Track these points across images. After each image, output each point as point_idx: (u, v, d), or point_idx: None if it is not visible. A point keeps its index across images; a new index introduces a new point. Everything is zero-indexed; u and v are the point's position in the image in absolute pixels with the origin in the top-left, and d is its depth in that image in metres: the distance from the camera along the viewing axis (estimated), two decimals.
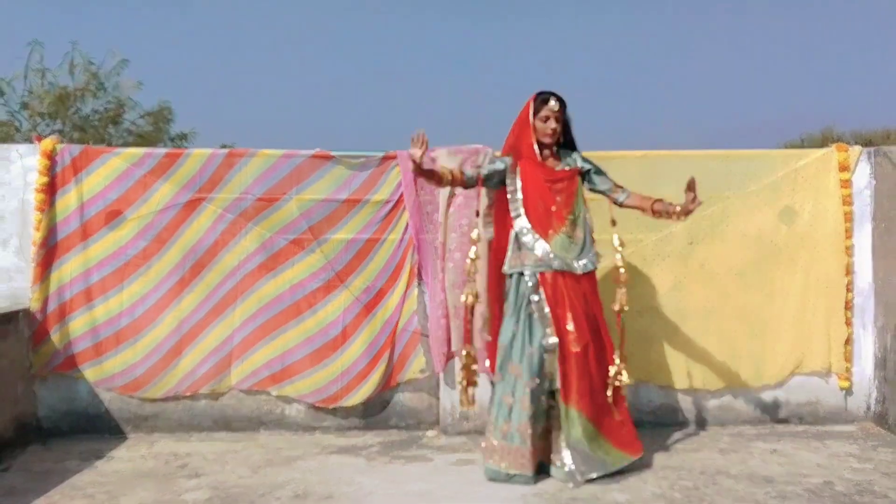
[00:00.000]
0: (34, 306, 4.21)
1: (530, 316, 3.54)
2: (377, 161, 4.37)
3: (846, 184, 4.40)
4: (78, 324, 4.25)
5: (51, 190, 4.23)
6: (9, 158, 4.28)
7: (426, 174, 3.62)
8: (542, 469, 3.58)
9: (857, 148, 4.46)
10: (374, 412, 4.43)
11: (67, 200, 4.24)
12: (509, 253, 3.67)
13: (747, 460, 3.85)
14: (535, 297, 3.53)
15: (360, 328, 4.35)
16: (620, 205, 3.73)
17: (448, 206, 4.29)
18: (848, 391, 4.46)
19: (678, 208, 3.55)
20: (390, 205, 4.38)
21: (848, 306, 4.40)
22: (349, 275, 4.35)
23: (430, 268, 4.37)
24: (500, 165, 3.71)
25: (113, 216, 4.26)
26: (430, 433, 4.34)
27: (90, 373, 4.27)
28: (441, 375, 4.37)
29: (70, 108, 12.44)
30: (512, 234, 3.67)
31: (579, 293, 3.57)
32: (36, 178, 4.22)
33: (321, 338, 4.34)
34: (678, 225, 4.36)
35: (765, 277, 4.41)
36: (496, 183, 3.73)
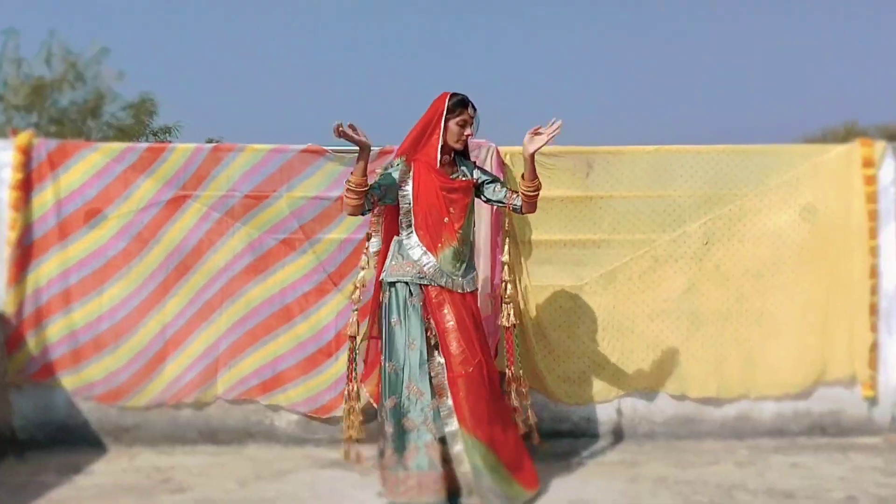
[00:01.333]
0: (9, 310, 4.12)
1: (426, 333, 3.35)
2: (373, 156, 4.20)
3: (870, 180, 4.30)
4: (55, 328, 4.17)
5: (26, 187, 4.17)
6: None
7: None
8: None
9: (882, 143, 4.38)
10: (368, 423, 4.24)
11: (44, 198, 4.18)
12: (389, 260, 3.47)
13: (765, 474, 3.78)
14: (428, 317, 3.35)
15: None
16: (520, 212, 3.54)
17: None
18: (872, 401, 4.36)
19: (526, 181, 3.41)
20: None
21: (872, 310, 4.30)
22: (343, 277, 4.25)
23: None
24: (392, 177, 3.42)
25: (92, 214, 4.19)
26: None
27: (68, 381, 4.19)
28: None
29: (47, 100, 12.37)
30: (394, 240, 3.49)
31: (468, 310, 3.41)
32: (10, 175, 4.16)
33: (313, 344, 4.24)
34: (692, 224, 4.33)
35: (784, 279, 4.32)
36: (391, 199, 3.47)
